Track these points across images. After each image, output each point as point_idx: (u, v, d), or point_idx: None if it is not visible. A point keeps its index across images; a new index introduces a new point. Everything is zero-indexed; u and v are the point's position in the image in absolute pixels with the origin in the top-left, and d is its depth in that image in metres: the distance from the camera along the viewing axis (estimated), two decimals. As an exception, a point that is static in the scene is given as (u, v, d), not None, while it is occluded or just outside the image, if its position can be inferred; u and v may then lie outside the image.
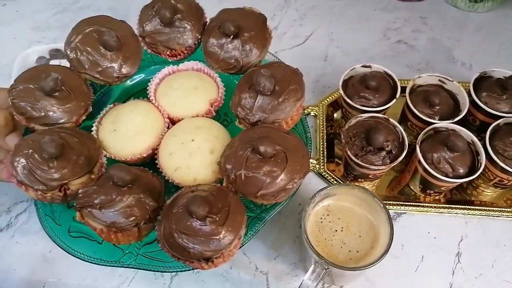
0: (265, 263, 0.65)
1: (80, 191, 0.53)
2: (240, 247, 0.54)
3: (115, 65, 0.63)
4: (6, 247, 0.67)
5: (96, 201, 0.51)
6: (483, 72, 0.72)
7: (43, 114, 0.58)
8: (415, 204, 0.70)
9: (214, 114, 0.68)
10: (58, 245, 0.58)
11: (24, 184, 0.53)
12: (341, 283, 0.63)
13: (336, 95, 0.82)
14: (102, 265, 0.57)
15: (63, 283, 0.64)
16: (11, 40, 0.95)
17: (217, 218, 0.48)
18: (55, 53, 0.85)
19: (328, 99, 0.82)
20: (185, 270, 0.57)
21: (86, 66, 0.62)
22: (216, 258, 0.49)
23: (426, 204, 0.69)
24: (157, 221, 0.52)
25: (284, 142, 0.54)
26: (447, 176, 0.62)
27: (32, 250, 0.67)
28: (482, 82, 0.70)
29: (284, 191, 0.53)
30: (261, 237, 0.67)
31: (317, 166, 0.74)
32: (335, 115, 0.81)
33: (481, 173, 0.63)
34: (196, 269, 0.52)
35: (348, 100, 0.69)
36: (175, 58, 0.69)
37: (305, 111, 0.79)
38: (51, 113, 0.58)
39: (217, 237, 0.48)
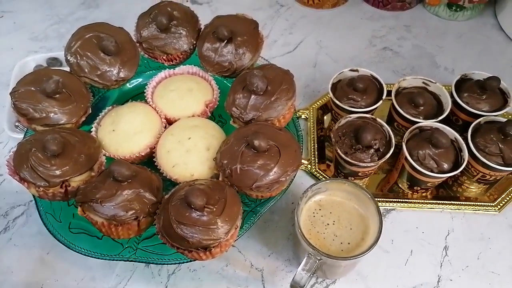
0: (260, 260, 0.67)
1: (81, 186, 0.55)
2: (236, 239, 0.56)
3: (114, 69, 0.65)
4: (4, 250, 0.68)
5: (97, 196, 0.52)
6: (463, 74, 0.75)
7: (44, 115, 0.60)
8: (403, 200, 0.72)
9: (209, 115, 0.70)
10: (59, 241, 0.58)
11: (27, 180, 0.55)
12: (333, 277, 0.65)
13: (325, 99, 0.85)
14: (102, 259, 0.58)
15: (61, 284, 0.65)
16: (8, 50, 0.96)
17: (215, 209, 0.50)
18: (52, 61, 0.88)
19: (318, 103, 0.85)
20: (183, 262, 0.58)
21: (86, 70, 0.64)
22: (213, 247, 0.51)
23: (414, 201, 0.72)
24: (156, 214, 0.54)
25: (277, 138, 0.56)
26: (432, 171, 0.65)
27: (29, 252, 0.67)
28: (463, 84, 0.74)
29: (278, 183, 0.56)
30: (255, 235, 0.69)
31: (309, 166, 0.76)
32: (324, 118, 0.84)
33: (464, 169, 0.66)
34: (194, 260, 0.53)
35: (337, 102, 0.72)
36: (171, 62, 0.71)
37: (296, 114, 0.81)
38: (52, 114, 0.60)
39: (215, 227, 0.50)
